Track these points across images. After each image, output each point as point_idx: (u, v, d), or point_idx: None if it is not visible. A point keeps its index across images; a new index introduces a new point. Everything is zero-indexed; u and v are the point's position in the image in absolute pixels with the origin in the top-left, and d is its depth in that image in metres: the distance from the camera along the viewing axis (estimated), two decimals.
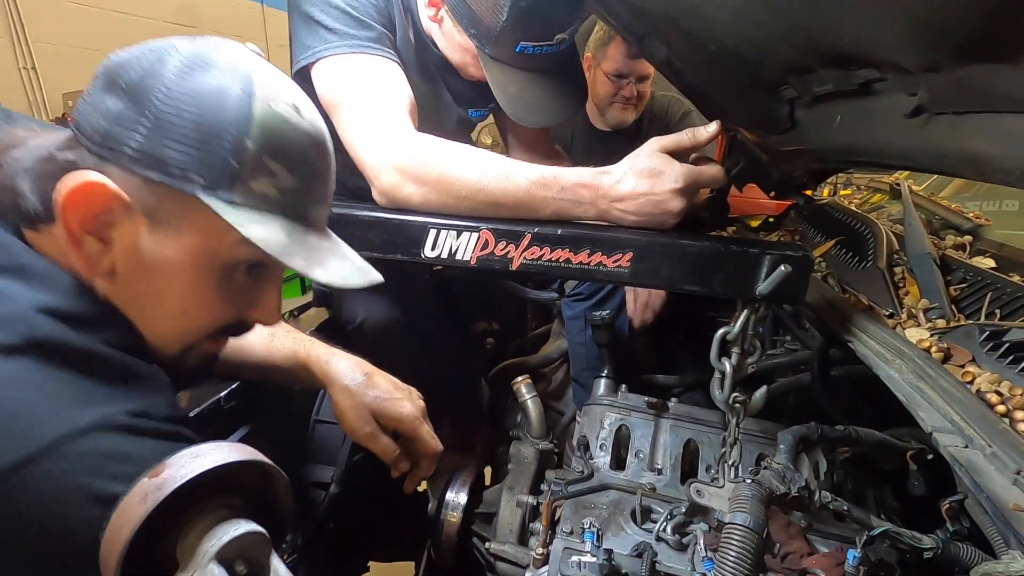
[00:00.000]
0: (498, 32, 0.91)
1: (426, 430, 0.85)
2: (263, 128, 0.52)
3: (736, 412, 0.81)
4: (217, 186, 0.51)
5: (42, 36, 3.60)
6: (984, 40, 0.57)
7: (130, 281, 0.53)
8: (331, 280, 0.58)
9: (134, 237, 0.52)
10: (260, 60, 0.56)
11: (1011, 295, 0.83)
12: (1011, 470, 0.54)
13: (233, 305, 0.59)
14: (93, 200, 0.49)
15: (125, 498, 0.36)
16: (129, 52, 0.51)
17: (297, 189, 0.56)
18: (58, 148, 0.51)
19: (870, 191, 1.86)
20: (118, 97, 0.49)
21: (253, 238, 0.52)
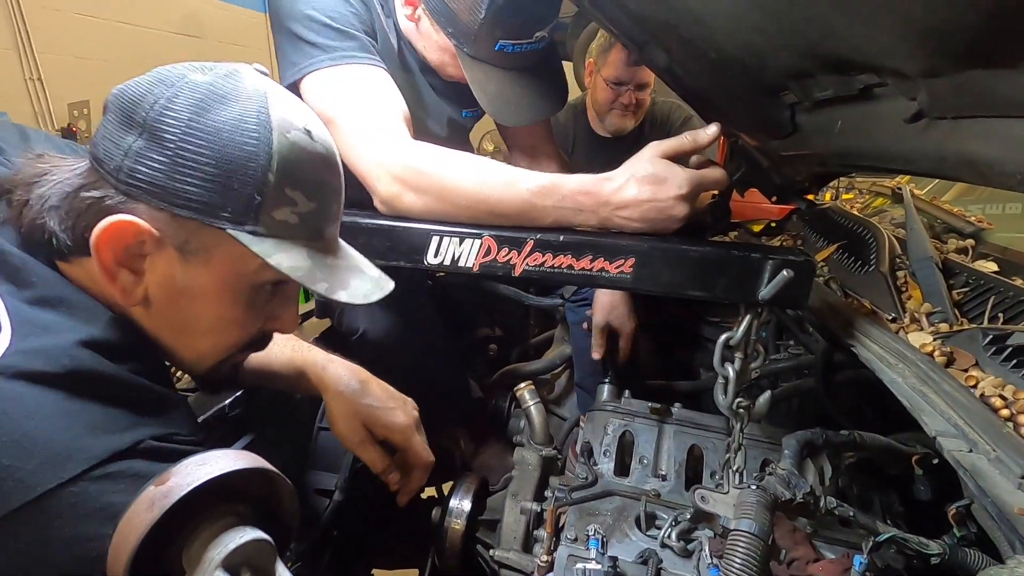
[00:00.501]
0: (476, 30, 0.91)
1: (418, 441, 0.85)
2: (282, 159, 0.53)
3: (740, 417, 0.81)
4: (243, 219, 0.53)
5: (48, 47, 3.63)
6: (984, 45, 0.58)
7: (163, 308, 0.56)
8: (353, 300, 0.61)
9: (165, 268, 0.54)
10: (271, 84, 0.57)
11: (1014, 299, 0.83)
12: (1015, 474, 0.54)
13: (258, 320, 0.62)
14: (125, 237, 0.51)
15: (132, 506, 0.36)
16: (140, 85, 0.53)
17: (315, 212, 0.58)
18: (82, 185, 0.53)
19: (872, 195, 1.85)
20: (137, 134, 0.51)
21: (280, 267, 0.55)
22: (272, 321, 0.65)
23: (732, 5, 0.89)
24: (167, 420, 0.51)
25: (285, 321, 0.65)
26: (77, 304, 0.52)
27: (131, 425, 0.47)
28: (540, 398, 1.24)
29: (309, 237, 0.59)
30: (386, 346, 1.14)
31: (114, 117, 0.52)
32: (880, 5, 0.60)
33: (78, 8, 3.80)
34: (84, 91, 3.64)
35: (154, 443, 0.47)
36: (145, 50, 4.20)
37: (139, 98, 0.52)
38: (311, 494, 1.03)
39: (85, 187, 0.53)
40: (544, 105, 1.03)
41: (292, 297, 0.65)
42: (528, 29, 0.94)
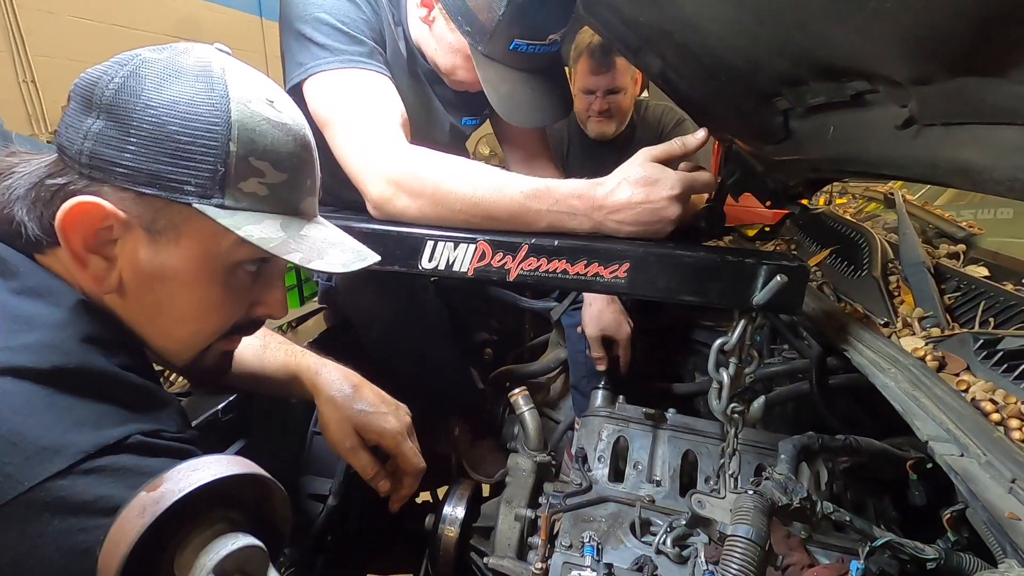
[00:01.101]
0: (493, 28, 0.91)
1: (408, 447, 0.84)
2: (244, 129, 0.53)
3: (735, 422, 0.81)
4: (209, 193, 0.52)
5: (42, 50, 3.61)
6: (973, 54, 0.58)
7: (138, 294, 0.55)
8: (331, 268, 0.59)
9: (136, 251, 0.53)
10: (230, 59, 0.56)
11: (1004, 303, 0.84)
12: (1006, 479, 0.54)
13: (240, 303, 0.61)
14: (90, 220, 0.50)
15: (123, 511, 0.36)
16: (99, 69, 0.52)
17: (285, 183, 0.57)
18: (48, 174, 0.52)
19: (865, 200, 1.87)
20: (97, 116, 0.50)
21: (250, 238, 0.53)
22: (258, 306, 0.63)
23: (725, 12, 0.90)
24: (155, 415, 0.50)
25: (272, 305, 0.64)
26: (60, 294, 0.51)
27: (120, 420, 0.46)
28: (534, 403, 1.24)
29: (283, 210, 0.57)
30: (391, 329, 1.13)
31: (75, 104, 0.52)
32: (870, 13, 0.61)
33: (72, 11, 3.79)
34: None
35: (142, 438, 0.46)
36: None
37: (95, 80, 0.51)
38: (305, 499, 1.02)
39: (51, 175, 0.52)
40: (552, 109, 1.04)
41: (277, 278, 0.64)
42: (543, 30, 0.95)
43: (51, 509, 0.40)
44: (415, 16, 1.04)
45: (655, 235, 0.82)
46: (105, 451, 0.43)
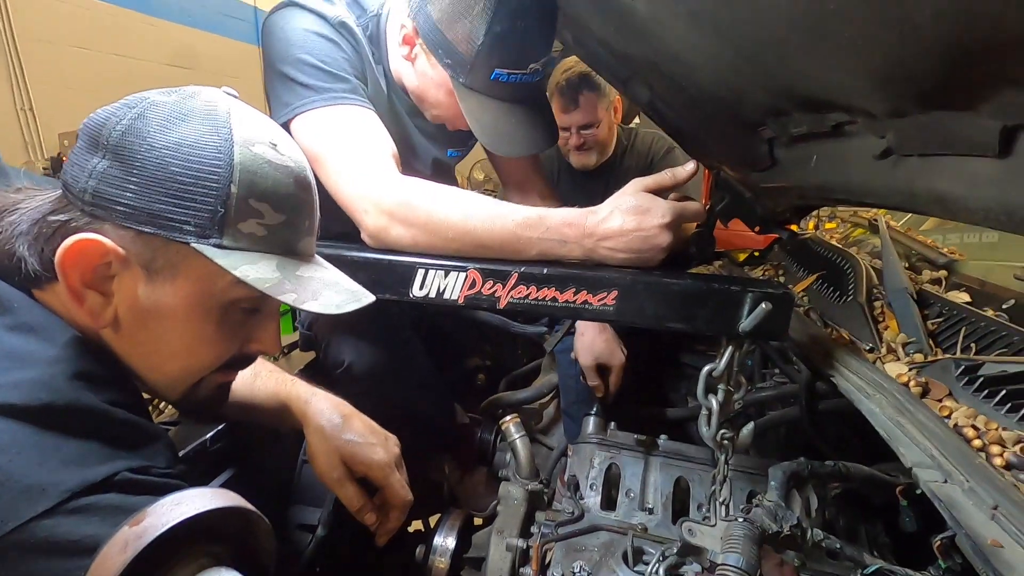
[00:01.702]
0: (473, 59, 0.92)
1: (396, 479, 0.83)
2: (245, 172, 0.54)
3: (724, 449, 0.81)
4: (207, 233, 0.53)
5: (40, 78, 3.66)
6: (943, 90, 0.61)
7: (133, 330, 0.55)
8: (325, 310, 0.60)
9: (133, 288, 0.54)
10: (237, 102, 0.58)
11: (985, 329, 0.85)
12: (988, 505, 0.54)
13: (233, 340, 0.62)
14: (90, 256, 0.51)
15: (105, 547, 0.36)
16: (107, 110, 0.54)
17: (284, 224, 0.58)
18: (51, 211, 0.53)
19: (852, 225, 1.90)
20: (102, 156, 0.52)
21: (246, 279, 0.54)
22: (252, 342, 0.64)
23: (708, 46, 0.93)
24: (144, 452, 0.50)
25: (265, 341, 0.64)
26: (53, 330, 0.51)
27: (106, 458, 0.46)
28: (526, 430, 1.24)
29: (280, 251, 0.58)
30: (372, 379, 1.13)
31: (82, 142, 0.53)
32: (844, 51, 0.63)
33: (71, 40, 3.85)
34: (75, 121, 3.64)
35: (130, 475, 0.46)
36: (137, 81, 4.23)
37: (104, 121, 0.52)
38: (294, 529, 1.01)
39: (54, 212, 0.53)
40: (536, 139, 1.05)
41: (271, 316, 0.64)
42: (523, 60, 0.96)
43: (36, 550, 0.40)
44: (397, 55, 1.06)
45: (646, 263, 0.83)
46: (91, 489, 0.43)
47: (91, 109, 0.55)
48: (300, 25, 0.97)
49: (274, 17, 1.00)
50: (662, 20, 0.96)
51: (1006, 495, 0.54)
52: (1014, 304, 0.93)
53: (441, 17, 0.92)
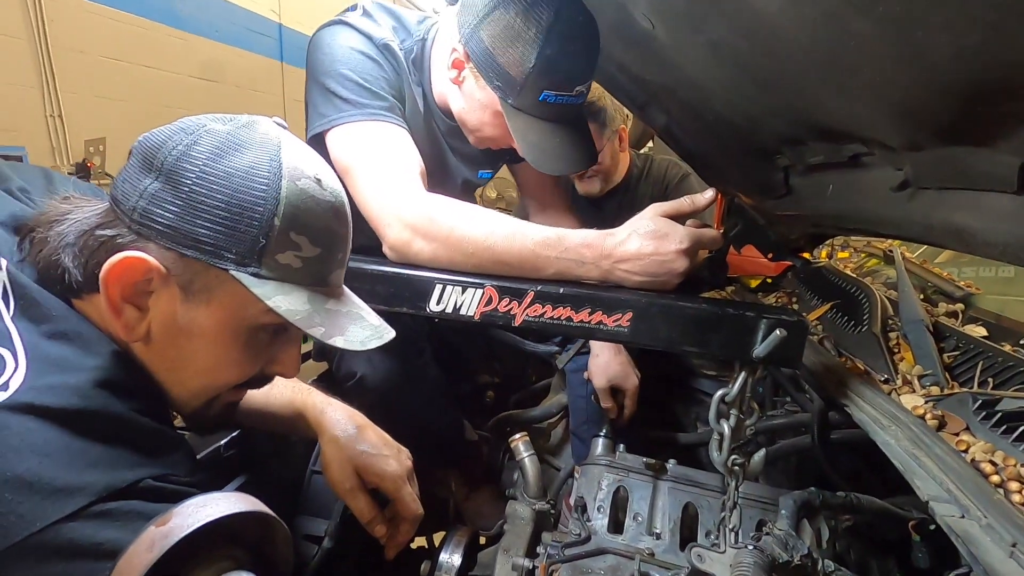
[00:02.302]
0: (523, 80, 0.95)
1: (407, 492, 0.83)
2: (290, 206, 0.56)
3: (735, 475, 0.81)
4: (246, 261, 0.55)
5: (71, 86, 3.76)
6: (960, 126, 0.61)
7: (163, 345, 0.57)
8: (350, 347, 0.61)
9: (169, 305, 0.56)
10: (287, 135, 0.60)
11: (1002, 364, 0.84)
12: (1007, 542, 0.54)
13: (256, 361, 0.63)
14: (133, 272, 0.53)
15: (132, 546, 0.37)
16: (163, 133, 0.56)
17: (319, 257, 0.60)
18: (98, 224, 0.55)
19: (866, 255, 1.89)
20: (154, 178, 0.54)
21: (278, 310, 0.56)
22: (273, 364, 0.65)
23: (726, 75, 0.95)
24: (167, 460, 0.52)
25: (287, 364, 0.66)
26: (90, 340, 0.53)
27: (132, 464, 0.48)
28: (535, 449, 1.23)
29: (312, 282, 0.60)
30: (382, 393, 1.14)
31: (135, 161, 0.55)
32: (862, 86, 0.65)
33: (103, 51, 3.96)
34: (102, 129, 3.75)
35: (153, 483, 0.47)
36: (164, 92, 4.36)
37: (160, 144, 0.54)
38: (300, 540, 1.01)
39: (101, 226, 0.55)
40: (578, 158, 1.07)
41: (294, 341, 0.66)
42: (570, 82, 0.99)
43: (59, 552, 0.41)
44: (442, 78, 1.09)
45: (662, 287, 0.84)
46: (116, 495, 0.44)
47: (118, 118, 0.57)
48: (346, 43, 1.02)
49: (322, 32, 1.05)
50: (681, 48, 0.98)
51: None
52: None
53: (493, 42, 0.95)
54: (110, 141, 3.68)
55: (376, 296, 0.83)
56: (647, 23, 0.94)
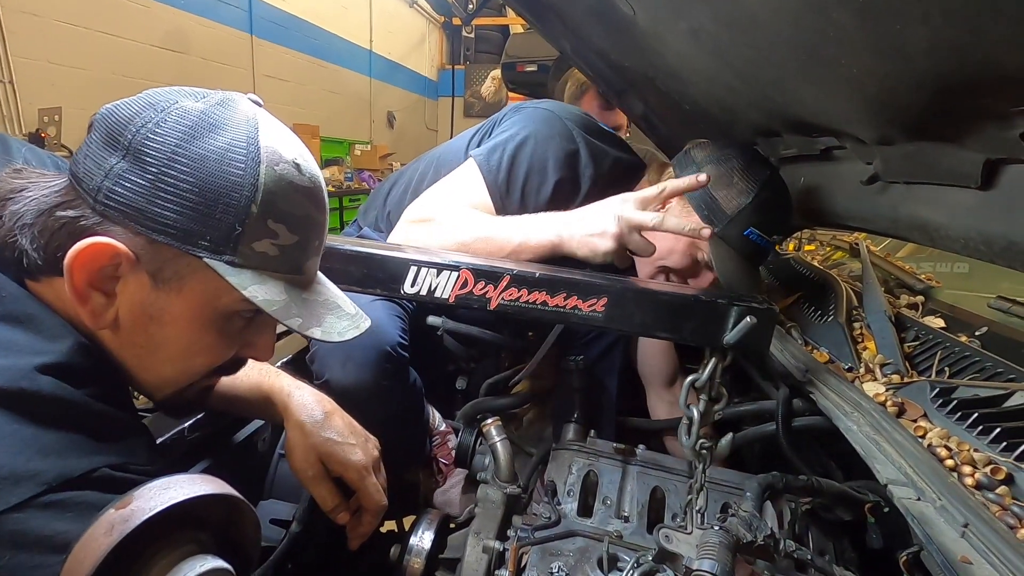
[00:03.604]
0: (734, 215, 1.04)
1: (371, 482, 0.82)
2: (268, 192, 0.53)
3: (702, 458, 0.83)
4: (221, 249, 0.52)
5: (23, 51, 3.56)
6: (930, 121, 0.63)
7: (131, 332, 0.55)
8: (327, 339, 0.60)
9: (137, 292, 0.53)
10: (263, 115, 0.57)
11: (959, 354, 0.88)
12: (959, 523, 0.56)
13: (230, 347, 0.61)
14: (100, 258, 0.50)
15: (89, 530, 0.35)
16: (130, 107, 0.52)
17: (296, 244, 0.58)
18: (58, 204, 0.52)
19: (832, 248, 1.95)
20: (121, 156, 0.50)
21: (254, 299, 0.54)
22: (247, 348, 0.63)
23: (706, 65, 0.95)
24: (125, 448, 0.49)
25: (261, 349, 0.64)
26: (43, 323, 0.50)
27: (86, 452, 0.45)
28: (507, 434, 1.23)
29: (288, 270, 0.58)
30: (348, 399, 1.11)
31: (98, 137, 0.51)
32: (840, 78, 0.66)
33: (57, 15, 3.75)
34: (57, 98, 3.57)
35: (109, 472, 0.45)
36: (125, 62, 4.16)
37: (127, 120, 0.51)
38: (268, 523, 0.99)
39: (61, 206, 0.51)
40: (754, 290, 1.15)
41: (269, 325, 0.64)
42: (775, 228, 1.09)
43: (4, 543, 0.39)
44: None
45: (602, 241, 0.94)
46: (68, 484, 0.42)
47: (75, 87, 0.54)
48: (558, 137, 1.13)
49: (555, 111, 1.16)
50: (662, 35, 0.98)
51: (976, 514, 0.56)
52: (987, 331, 0.96)
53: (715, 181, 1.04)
54: (66, 111, 3.50)
55: (349, 277, 0.82)
56: (628, 8, 0.93)
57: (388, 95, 7.77)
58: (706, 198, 1.07)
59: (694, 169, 1.08)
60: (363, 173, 6.22)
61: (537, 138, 1.10)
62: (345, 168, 6.12)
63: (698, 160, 1.08)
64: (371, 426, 0.92)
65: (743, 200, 1.03)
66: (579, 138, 1.12)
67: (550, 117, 1.14)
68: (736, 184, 1.04)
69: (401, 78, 8.13)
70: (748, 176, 1.04)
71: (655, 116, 1.41)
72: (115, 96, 0.55)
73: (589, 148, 1.12)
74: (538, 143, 1.10)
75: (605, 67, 1.31)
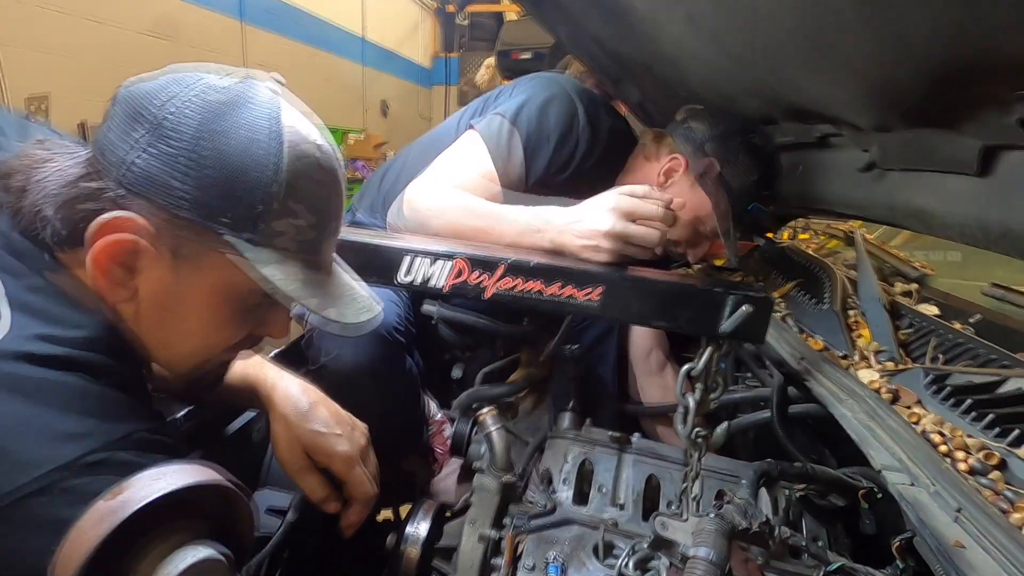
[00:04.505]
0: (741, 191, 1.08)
1: (358, 473, 0.81)
2: (291, 172, 0.53)
3: (698, 447, 0.83)
4: (242, 227, 0.52)
5: (8, 38, 3.50)
6: (929, 107, 0.63)
7: (150, 307, 0.55)
8: (342, 320, 0.60)
9: (157, 267, 0.53)
10: (285, 96, 0.57)
11: (953, 341, 0.88)
12: (952, 508, 0.57)
13: (246, 324, 0.61)
14: (121, 232, 0.50)
15: (80, 520, 0.35)
16: (155, 82, 0.52)
17: (315, 226, 0.58)
18: (82, 175, 0.52)
19: (827, 237, 1.95)
20: (146, 130, 0.50)
21: (272, 279, 0.54)
22: (262, 326, 0.64)
23: (704, 52, 0.94)
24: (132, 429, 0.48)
25: (277, 327, 0.64)
26: (73, 295, 0.51)
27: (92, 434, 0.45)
28: (502, 423, 1.23)
29: (306, 251, 0.58)
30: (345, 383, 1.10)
31: (122, 110, 0.51)
32: (840, 64, 0.65)
33: (44, 2, 3.68)
34: (45, 85, 3.51)
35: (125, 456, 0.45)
36: (112, 49, 4.08)
37: (152, 94, 0.51)
38: (263, 512, 0.99)
39: (85, 177, 0.51)
40: None
41: (285, 304, 0.63)
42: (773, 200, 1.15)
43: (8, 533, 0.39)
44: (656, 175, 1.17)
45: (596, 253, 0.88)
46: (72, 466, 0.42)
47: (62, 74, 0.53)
48: None
49: None
50: (659, 21, 0.97)
51: (969, 499, 0.57)
52: (980, 319, 0.97)
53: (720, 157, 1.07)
54: (54, 98, 3.45)
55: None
56: None
57: (382, 83, 7.69)
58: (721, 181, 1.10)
59: (696, 145, 1.10)
60: (356, 162, 6.16)
61: (536, 99, 1.11)
62: None
63: (699, 134, 1.10)
64: (367, 411, 0.91)
65: (749, 177, 1.07)
66: (577, 100, 1.13)
67: (550, 80, 1.16)
68: (741, 161, 1.07)
69: (394, 66, 8.05)
70: (751, 150, 1.06)
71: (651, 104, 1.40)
72: (103, 84, 0.54)
73: (587, 112, 1.13)
74: (537, 104, 1.11)
75: (601, 54, 1.30)
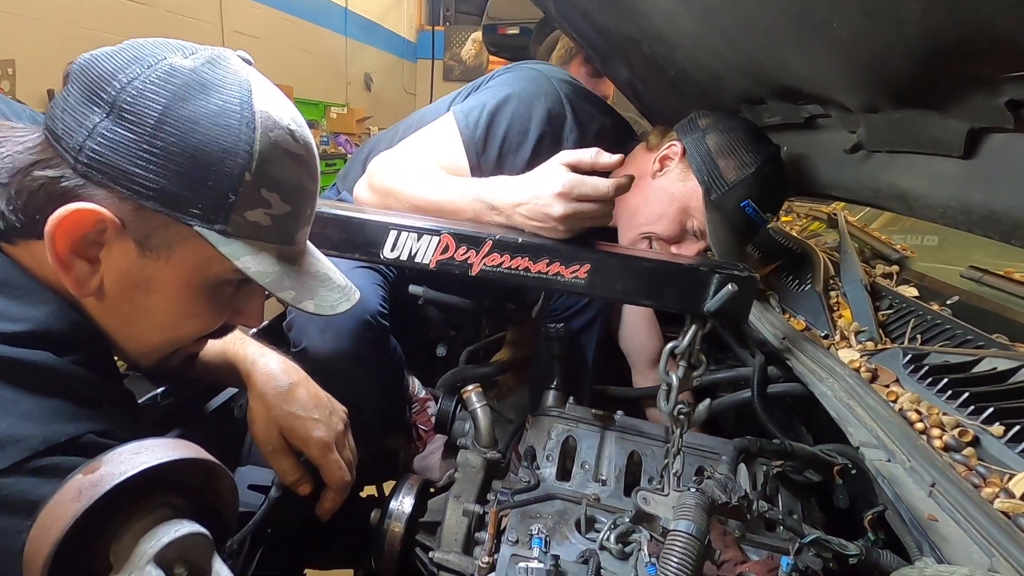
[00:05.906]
0: (734, 183, 1.03)
1: (333, 459, 0.80)
2: (263, 160, 0.51)
3: (680, 423, 0.84)
4: (212, 217, 0.50)
5: None
6: (918, 87, 0.63)
7: (117, 300, 0.52)
8: (320, 311, 0.59)
9: (123, 260, 0.51)
10: (255, 76, 0.54)
11: (931, 322, 0.90)
12: (927, 483, 0.58)
13: (219, 315, 0.60)
14: (83, 225, 0.47)
15: (56, 495, 0.34)
16: (113, 60, 0.48)
17: (288, 214, 0.56)
18: (35, 162, 0.48)
19: (809, 219, 1.97)
20: (106, 114, 0.47)
21: (247, 271, 0.52)
22: (236, 315, 0.62)
23: (695, 29, 0.93)
24: (110, 414, 0.48)
25: (249, 315, 0.62)
26: (22, 288, 0.48)
27: (72, 418, 0.44)
28: (487, 401, 1.24)
29: (280, 240, 0.56)
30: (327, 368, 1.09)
31: (77, 90, 0.47)
32: (830, 43, 0.65)
33: None
34: (10, 50, 3.36)
35: (95, 438, 0.44)
36: (84, 13, 3.91)
37: (110, 74, 0.47)
38: (246, 489, 0.99)
39: (38, 164, 0.48)
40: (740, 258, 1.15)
41: (258, 292, 0.62)
42: (772, 204, 1.10)
43: None
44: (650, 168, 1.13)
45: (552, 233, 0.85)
46: (54, 450, 0.41)
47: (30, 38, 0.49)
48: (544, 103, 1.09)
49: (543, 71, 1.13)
50: None
51: (943, 474, 0.59)
52: (957, 301, 0.99)
53: (718, 148, 1.05)
54: (20, 63, 3.31)
55: (328, 241, 0.80)
56: None
57: (365, 56, 7.50)
58: (708, 164, 1.06)
59: (698, 135, 1.08)
60: (339, 137, 6.04)
61: (521, 97, 1.07)
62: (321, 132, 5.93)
63: (702, 127, 1.07)
64: (350, 394, 0.90)
65: (745, 171, 1.03)
66: (566, 101, 1.09)
67: (538, 77, 1.11)
68: (740, 155, 1.04)
69: (378, 38, 7.85)
70: (753, 148, 1.04)
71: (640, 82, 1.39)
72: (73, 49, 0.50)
73: (576, 112, 1.10)
74: (522, 102, 1.07)
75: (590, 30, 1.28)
